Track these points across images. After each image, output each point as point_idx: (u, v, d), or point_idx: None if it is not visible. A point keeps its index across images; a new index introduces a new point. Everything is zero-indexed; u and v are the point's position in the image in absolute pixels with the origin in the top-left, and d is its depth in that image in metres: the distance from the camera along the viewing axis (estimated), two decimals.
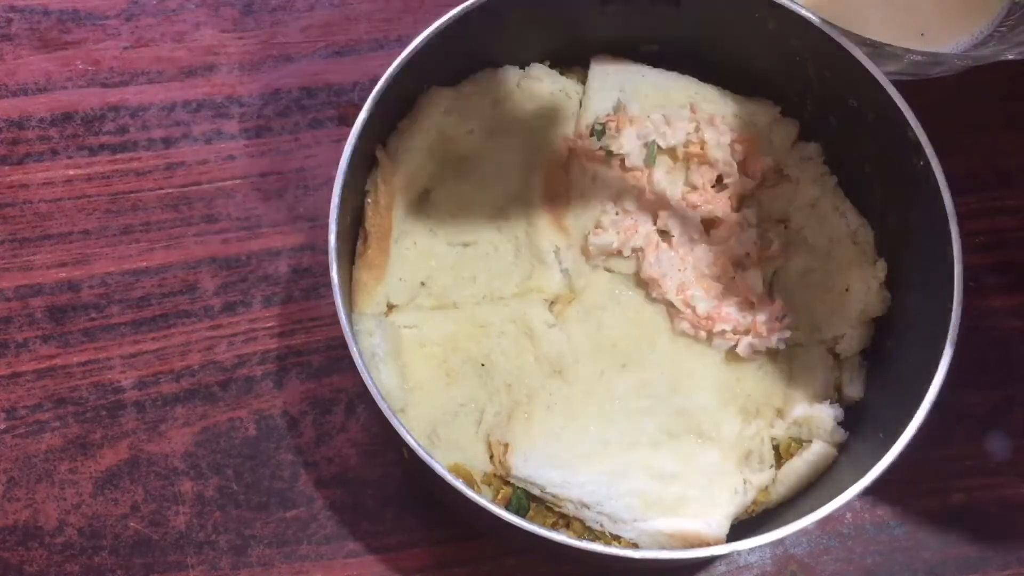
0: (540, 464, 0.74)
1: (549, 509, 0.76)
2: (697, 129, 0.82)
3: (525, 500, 0.75)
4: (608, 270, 0.80)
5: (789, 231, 0.82)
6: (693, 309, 0.77)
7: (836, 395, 0.79)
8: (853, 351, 0.79)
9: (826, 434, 0.77)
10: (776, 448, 0.78)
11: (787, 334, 0.77)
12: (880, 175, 0.80)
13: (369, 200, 0.78)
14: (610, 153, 0.81)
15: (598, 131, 0.81)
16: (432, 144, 0.80)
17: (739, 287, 0.79)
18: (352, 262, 0.78)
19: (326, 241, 0.71)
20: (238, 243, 0.91)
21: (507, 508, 0.71)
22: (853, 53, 0.77)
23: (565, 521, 0.76)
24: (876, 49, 0.81)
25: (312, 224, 0.92)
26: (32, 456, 0.84)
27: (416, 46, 0.75)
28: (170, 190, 0.92)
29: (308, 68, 0.97)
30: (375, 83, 0.74)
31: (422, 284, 0.79)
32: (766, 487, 0.77)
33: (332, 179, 0.72)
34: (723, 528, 0.75)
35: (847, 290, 0.79)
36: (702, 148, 0.80)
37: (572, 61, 0.86)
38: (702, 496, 0.75)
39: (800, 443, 0.78)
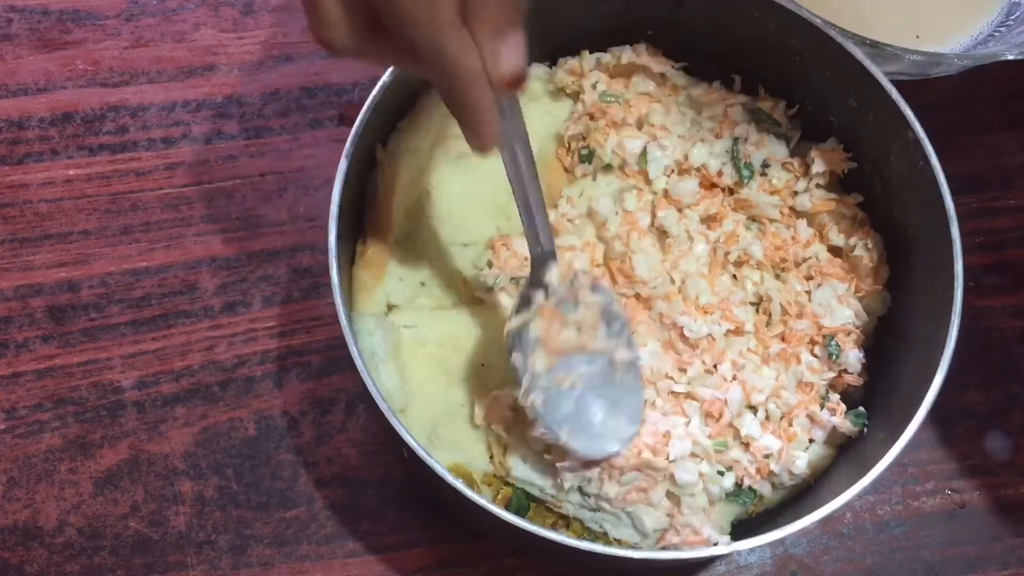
0: (540, 464, 0.74)
1: (549, 509, 0.76)
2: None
3: (525, 500, 0.75)
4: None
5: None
6: (695, 304, 0.77)
7: (836, 396, 0.79)
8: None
9: (826, 435, 0.77)
10: None
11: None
12: (880, 175, 0.80)
13: (369, 200, 0.78)
14: (608, 167, 0.81)
15: (584, 156, 0.81)
16: (432, 144, 0.80)
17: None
18: (352, 262, 0.78)
19: (326, 241, 0.71)
20: (238, 243, 0.91)
21: (507, 508, 0.72)
22: (853, 53, 0.77)
23: (565, 521, 0.76)
24: (876, 49, 0.81)
25: (312, 224, 0.92)
26: (32, 456, 0.84)
27: None
28: (170, 190, 0.92)
29: (308, 68, 0.97)
30: (375, 83, 0.74)
31: (422, 284, 0.79)
32: None
33: (332, 179, 0.72)
34: (723, 528, 0.75)
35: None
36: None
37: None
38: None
39: None
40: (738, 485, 0.75)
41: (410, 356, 0.77)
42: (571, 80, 0.84)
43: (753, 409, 0.76)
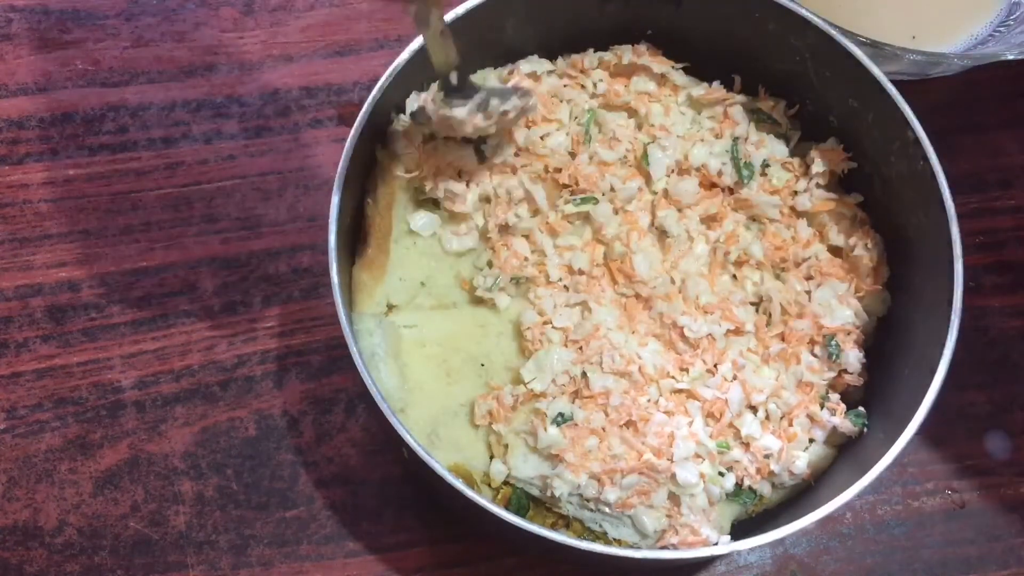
0: (539, 465, 0.74)
1: (549, 509, 0.76)
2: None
3: (525, 500, 0.75)
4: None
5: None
6: (695, 304, 0.77)
7: (836, 396, 0.79)
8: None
9: (826, 435, 0.77)
10: None
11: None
12: (880, 175, 0.80)
13: (369, 200, 0.78)
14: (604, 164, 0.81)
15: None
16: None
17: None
18: (352, 262, 0.78)
19: (326, 241, 0.71)
20: (238, 243, 0.91)
21: (507, 508, 0.72)
22: (853, 53, 0.77)
23: (565, 521, 0.76)
24: (876, 49, 0.81)
25: (312, 224, 0.92)
26: (32, 456, 0.84)
27: (416, 46, 0.75)
28: (170, 190, 0.92)
29: (308, 68, 0.97)
30: (375, 83, 0.74)
31: (422, 284, 0.79)
32: None
33: (332, 179, 0.72)
34: (723, 528, 0.75)
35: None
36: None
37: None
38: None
39: None
40: (738, 485, 0.75)
41: (410, 356, 0.77)
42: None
43: (753, 409, 0.77)
